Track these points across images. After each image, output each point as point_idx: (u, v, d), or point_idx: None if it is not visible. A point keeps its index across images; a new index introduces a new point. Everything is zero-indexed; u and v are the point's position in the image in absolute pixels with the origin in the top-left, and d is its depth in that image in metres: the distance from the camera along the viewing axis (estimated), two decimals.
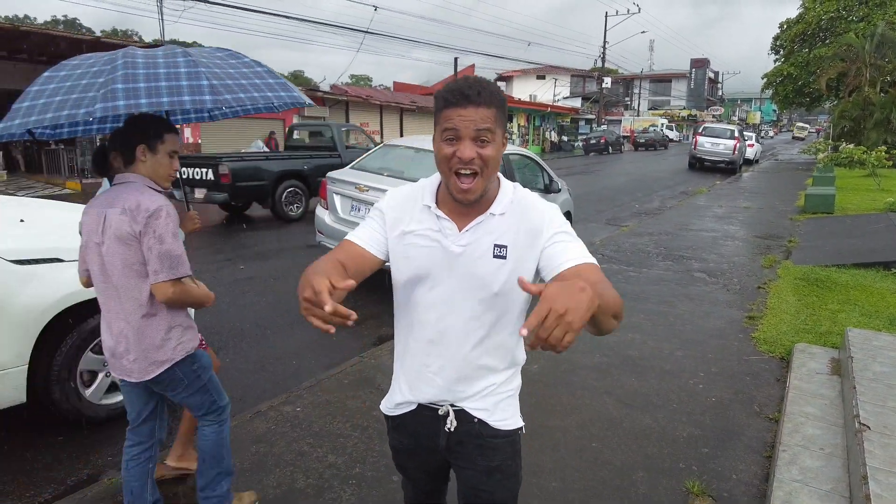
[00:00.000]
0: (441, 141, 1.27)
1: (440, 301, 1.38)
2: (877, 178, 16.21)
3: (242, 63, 2.25)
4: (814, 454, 2.80)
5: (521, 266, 1.33)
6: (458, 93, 1.23)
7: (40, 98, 1.87)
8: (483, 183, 1.28)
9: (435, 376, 1.43)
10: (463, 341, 1.40)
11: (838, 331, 4.61)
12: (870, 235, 8.35)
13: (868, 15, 29.19)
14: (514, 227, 1.34)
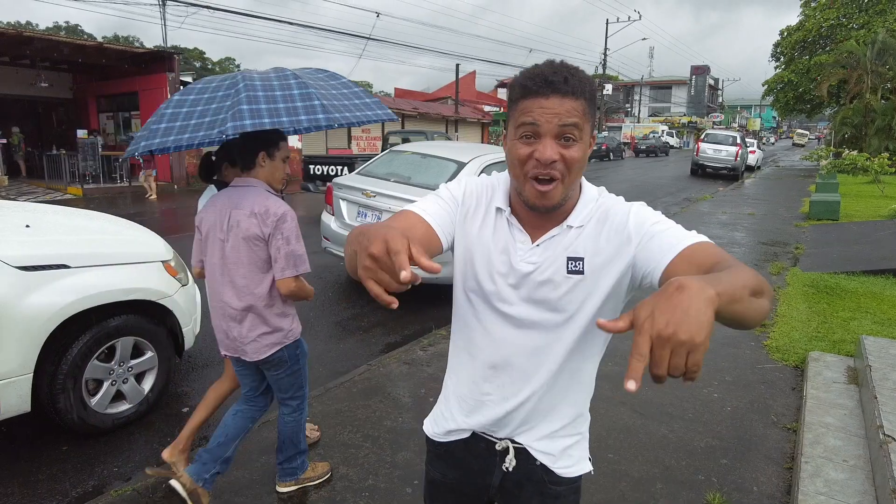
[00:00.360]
0: (515, 138, 1.06)
1: (505, 323, 1.18)
2: (880, 184, 16.19)
3: (341, 84, 2.56)
4: (837, 466, 2.74)
5: (601, 282, 1.12)
6: (541, 79, 1.02)
7: (176, 120, 2.17)
8: (564, 190, 1.08)
9: (496, 406, 1.23)
10: (531, 372, 1.19)
11: (851, 339, 4.56)
12: (877, 242, 8.30)
13: (868, 22, 29.28)
14: (594, 236, 1.13)
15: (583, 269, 1.12)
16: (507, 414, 1.22)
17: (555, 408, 1.23)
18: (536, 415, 1.22)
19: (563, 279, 1.13)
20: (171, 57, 16.20)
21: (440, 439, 1.34)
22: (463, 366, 1.28)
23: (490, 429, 1.26)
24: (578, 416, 1.27)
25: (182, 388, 3.91)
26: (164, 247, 3.68)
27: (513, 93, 1.07)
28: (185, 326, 3.60)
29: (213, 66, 65.12)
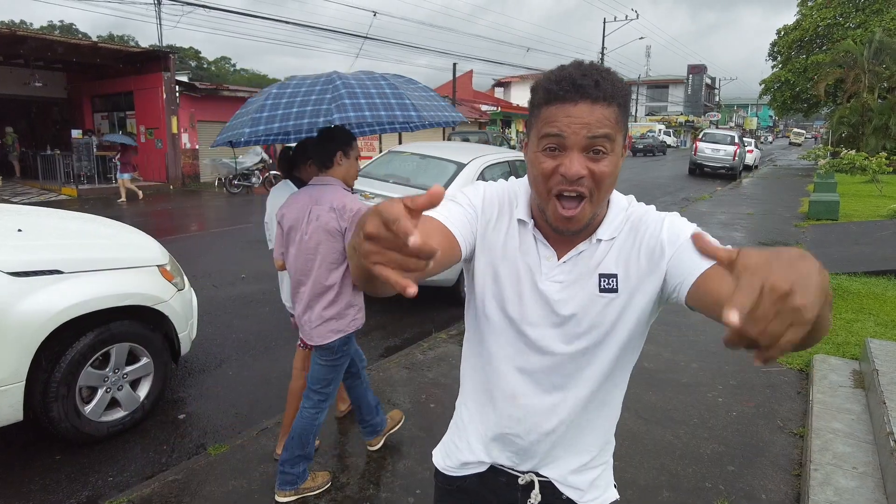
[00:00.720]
0: (538, 150, 0.95)
1: (530, 347, 1.08)
2: (878, 184, 16.20)
3: (420, 87, 2.77)
4: (847, 473, 2.69)
5: (636, 299, 1.03)
6: (568, 82, 0.90)
7: (278, 109, 2.39)
8: (592, 209, 0.97)
9: (518, 439, 1.12)
10: (558, 400, 1.10)
11: (856, 341, 4.51)
12: (878, 243, 8.28)
13: (865, 22, 29.34)
14: (626, 250, 1.04)
15: (616, 286, 1.02)
16: (532, 445, 1.12)
17: (583, 438, 1.13)
18: (564, 446, 1.13)
19: (595, 298, 1.03)
20: (166, 56, 16.11)
21: (453, 473, 1.22)
22: (481, 393, 1.17)
23: (511, 461, 1.16)
24: (606, 444, 1.18)
25: (179, 394, 3.85)
26: (159, 250, 3.62)
27: (535, 97, 0.96)
28: (182, 332, 3.53)
29: (209, 66, 64.93)
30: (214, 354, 4.47)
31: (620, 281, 1.02)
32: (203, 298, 5.70)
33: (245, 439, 3.15)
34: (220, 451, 3.02)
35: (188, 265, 6.98)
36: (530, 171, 0.99)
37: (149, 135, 17.17)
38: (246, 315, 5.36)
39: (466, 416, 1.21)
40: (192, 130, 17.37)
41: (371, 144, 23.00)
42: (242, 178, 15.56)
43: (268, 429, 3.24)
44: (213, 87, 18.48)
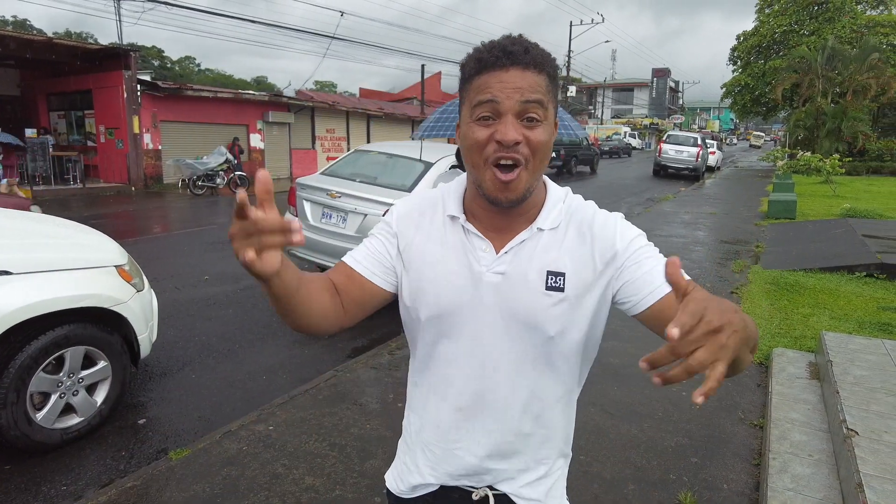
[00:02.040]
0: (472, 121, 0.93)
1: (472, 352, 1.02)
2: (832, 184, 16.80)
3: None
4: (804, 461, 2.77)
5: (585, 302, 1.00)
6: (499, 49, 0.90)
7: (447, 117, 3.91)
8: (529, 178, 0.94)
9: (467, 454, 1.07)
10: (507, 407, 1.04)
11: (812, 335, 4.66)
12: (832, 240, 8.57)
13: (818, 29, 30.48)
14: (573, 246, 1.01)
15: (563, 285, 0.98)
16: (483, 461, 1.07)
17: (540, 448, 1.08)
18: (517, 456, 1.07)
19: (541, 294, 0.99)
20: (126, 54, 15.67)
21: (406, 496, 1.15)
22: (427, 408, 1.11)
23: (463, 479, 1.10)
24: (562, 455, 1.14)
25: (139, 398, 3.73)
26: (117, 251, 3.50)
27: (466, 69, 0.95)
28: (141, 334, 3.43)
29: (173, 66, 63.46)
30: (176, 357, 4.36)
31: (568, 280, 0.99)
32: (165, 301, 5.56)
33: (208, 443, 3.07)
34: (181, 455, 2.94)
35: (149, 267, 6.80)
36: (464, 145, 0.97)
37: (109, 135, 16.68)
38: (209, 317, 5.24)
39: (413, 434, 1.16)
40: (155, 131, 16.93)
41: (339, 145, 22.83)
42: (207, 179, 15.25)
43: (231, 432, 3.17)
44: (177, 86, 18.05)
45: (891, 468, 2.39)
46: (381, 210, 4.92)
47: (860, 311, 5.35)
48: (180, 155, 16.48)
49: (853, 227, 9.06)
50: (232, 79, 65.43)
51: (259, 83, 69.05)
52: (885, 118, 32.36)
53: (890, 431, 2.71)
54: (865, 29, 29.40)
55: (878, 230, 8.95)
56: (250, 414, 3.40)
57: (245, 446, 3.04)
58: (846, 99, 25.53)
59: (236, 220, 0.76)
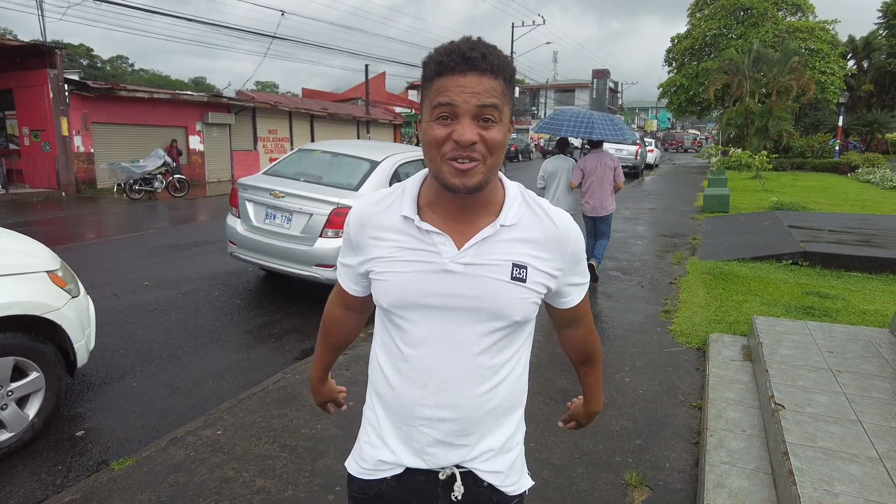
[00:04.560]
0: (431, 120, 0.99)
1: (438, 336, 1.09)
2: (761, 179, 17.76)
3: (615, 118, 6.72)
4: (737, 436, 2.93)
5: (539, 290, 1.10)
6: (458, 55, 0.95)
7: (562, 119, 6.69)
8: (486, 172, 1.00)
9: (432, 431, 1.11)
10: (472, 385, 1.10)
11: (745, 319, 4.92)
12: (761, 231, 9.07)
13: (745, 33, 32.14)
14: (534, 241, 1.09)
15: (525, 277, 1.07)
16: (448, 436, 1.12)
17: (498, 420, 1.15)
18: (480, 431, 1.13)
19: (506, 285, 1.07)
20: (51, 52, 14.87)
21: (368, 476, 1.18)
22: (391, 387, 1.15)
23: (429, 457, 1.14)
24: (518, 427, 1.21)
25: (76, 409, 3.57)
26: (48, 255, 3.34)
27: (427, 70, 1.00)
28: (77, 342, 3.28)
29: (104, 65, 60.60)
30: (117, 366, 4.19)
31: (530, 274, 1.08)
32: (103, 308, 5.33)
33: (153, 450, 2.97)
34: (124, 465, 2.83)
35: (85, 274, 6.48)
36: (424, 141, 1.02)
37: (34, 137, 15.78)
38: (150, 323, 5.06)
39: (381, 413, 1.19)
40: (86, 133, 16.15)
41: (282, 146, 22.40)
42: (144, 183, 14.67)
43: (178, 438, 3.08)
44: (109, 86, 17.28)
45: (812, 436, 2.57)
46: (327, 209, 4.87)
47: (787, 296, 5.70)
48: (115, 158, 15.77)
49: (780, 219, 9.62)
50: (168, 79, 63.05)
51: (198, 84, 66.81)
52: (807, 117, 34.49)
53: (812, 404, 2.91)
54: (786, 34, 31.22)
55: (802, 221, 9.54)
56: (197, 419, 3.32)
57: (192, 452, 2.96)
58: (771, 99, 27.03)
59: None
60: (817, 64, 29.97)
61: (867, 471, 2.30)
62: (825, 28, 31.90)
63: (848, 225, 9.30)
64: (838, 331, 4.16)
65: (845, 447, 2.49)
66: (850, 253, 6.94)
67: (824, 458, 2.39)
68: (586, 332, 1.30)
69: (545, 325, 4.92)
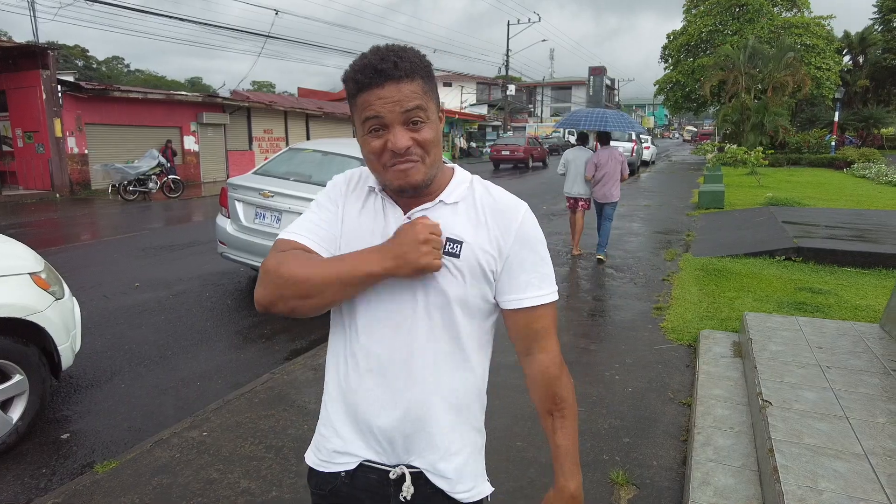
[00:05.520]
0: (365, 134, 1.03)
1: (384, 316, 1.08)
2: (757, 175, 17.77)
3: (625, 115, 8.75)
4: (725, 433, 2.92)
5: (476, 272, 1.07)
6: (370, 70, 0.99)
7: (580, 116, 8.10)
8: (427, 169, 1.04)
9: (380, 419, 1.10)
10: (412, 373, 1.08)
11: (736, 316, 4.91)
12: (755, 227, 9.07)
13: (740, 29, 32.10)
14: (474, 219, 1.09)
15: (459, 253, 1.06)
16: (397, 426, 1.10)
17: (450, 419, 1.12)
18: (429, 426, 1.10)
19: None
20: (44, 52, 14.80)
21: (325, 468, 1.17)
22: (343, 377, 1.14)
23: (381, 453, 1.13)
24: (474, 429, 1.16)
25: (63, 412, 3.55)
26: (33, 258, 3.31)
27: (348, 88, 1.03)
28: (62, 344, 3.26)
29: (99, 66, 60.43)
30: (105, 367, 4.17)
31: (465, 249, 1.06)
32: (93, 310, 5.31)
33: (138, 452, 2.96)
34: (108, 467, 2.82)
35: (77, 276, 6.48)
36: (364, 153, 1.06)
37: (27, 139, 15.72)
38: (140, 325, 5.03)
39: (330, 405, 1.18)
40: (80, 134, 16.10)
41: (277, 146, 22.34)
42: (138, 184, 14.62)
43: (163, 440, 3.06)
44: (102, 87, 17.23)
45: (798, 433, 2.56)
46: None
47: (779, 292, 5.69)
48: (109, 159, 15.72)
49: (774, 215, 9.62)
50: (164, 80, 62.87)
51: (194, 84, 66.68)
52: (803, 113, 34.50)
53: (799, 400, 2.89)
54: (782, 30, 31.22)
55: (796, 217, 9.54)
56: (183, 421, 3.30)
57: (177, 454, 2.95)
58: (767, 95, 27.02)
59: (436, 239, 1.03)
60: (813, 59, 29.95)
61: (852, 467, 2.29)
62: (820, 23, 31.88)
63: (842, 220, 9.30)
64: (829, 326, 4.15)
65: (831, 444, 2.48)
66: (844, 248, 6.93)
67: (810, 455, 2.37)
68: (550, 361, 1.14)
69: None
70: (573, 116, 8.29)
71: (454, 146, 37.54)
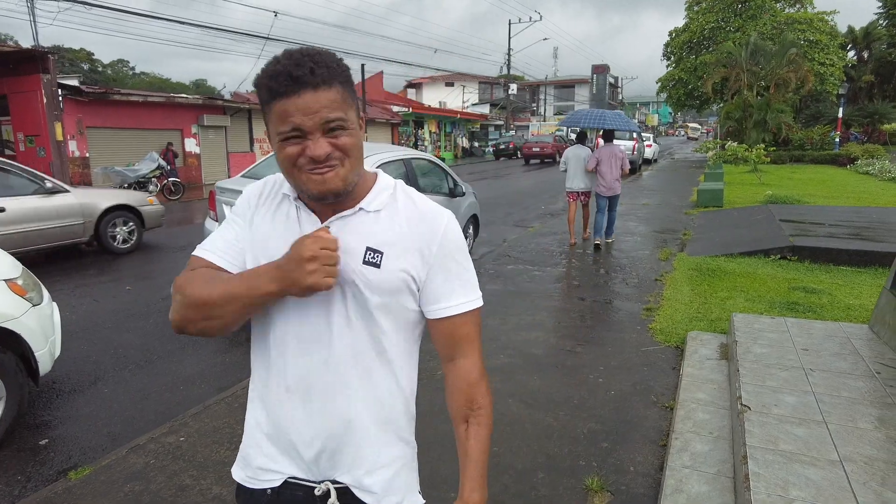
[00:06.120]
0: (280, 141, 0.96)
1: (298, 329, 1.05)
2: (758, 173, 17.64)
3: (622, 114, 9.24)
4: (703, 439, 2.88)
5: (398, 284, 1.04)
6: (284, 77, 0.92)
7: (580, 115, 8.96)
8: (346, 173, 0.98)
9: (299, 437, 1.07)
10: (333, 387, 1.05)
11: (726, 317, 4.86)
12: (753, 226, 8.99)
13: (742, 26, 31.93)
14: (395, 229, 1.05)
15: (380, 263, 1.03)
16: (316, 444, 1.07)
17: (374, 432, 1.09)
18: (349, 440, 1.07)
19: (359, 267, 1.03)
20: (44, 57, 14.85)
21: (251, 485, 1.14)
22: (263, 393, 1.12)
23: (306, 469, 1.10)
24: (401, 441, 1.13)
25: (43, 416, 3.55)
26: (10, 264, 3.32)
27: (261, 94, 0.97)
28: (39, 350, 3.25)
29: (104, 69, 60.69)
30: (89, 372, 4.16)
31: (385, 260, 1.03)
32: (82, 314, 5.32)
33: (113, 459, 2.95)
34: (81, 474, 2.81)
35: (67, 279, 6.48)
36: (279, 160, 1.00)
37: (29, 142, 15.78)
38: (128, 328, 5.03)
39: (252, 421, 1.16)
40: (81, 137, 16.16)
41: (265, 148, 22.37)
42: (139, 187, 14.65)
43: (140, 446, 3.05)
44: (103, 90, 17.26)
45: (774, 439, 2.52)
46: None
47: (773, 292, 5.63)
48: (110, 162, 15.79)
49: (773, 213, 9.54)
50: (169, 82, 63.14)
51: (198, 86, 66.87)
52: (808, 109, 34.23)
53: (779, 405, 2.85)
54: (784, 26, 31.00)
55: (794, 215, 9.46)
56: (162, 426, 3.29)
57: (152, 460, 2.93)
58: (770, 92, 26.84)
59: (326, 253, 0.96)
60: (816, 55, 29.74)
61: (826, 475, 2.25)
62: (824, 19, 31.64)
63: (840, 218, 9.21)
64: (817, 328, 4.10)
65: (807, 450, 2.44)
66: (839, 247, 6.86)
67: (783, 462, 2.34)
68: (471, 366, 1.11)
69: (525, 325, 4.87)
70: (574, 116, 9.13)
71: (456, 146, 37.51)
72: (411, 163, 6.19)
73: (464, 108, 42.89)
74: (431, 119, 34.44)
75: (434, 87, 47.82)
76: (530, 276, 6.61)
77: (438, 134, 35.67)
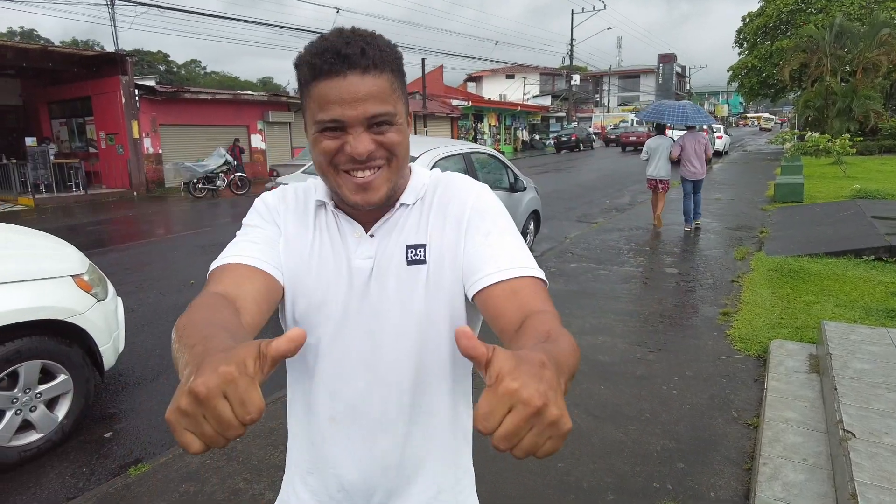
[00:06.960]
0: (317, 132, 0.83)
1: (345, 352, 0.91)
2: (842, 165, 16.37)
3: (700, 108, 9.32)
4: (797, 466, 2.57)
5: (444, 273, 0.90)
6: (332, 54, 0.79)
7: (661, 110, 9.27)
8: (391, 175, 0.86)
9: (345, 473, 0.94)
10: (385, 414, 0.92)
11: (814, 324, 4.43)
12: (839, 223, 8.28)
13: (826, 6, 29.76)
14: (432, 216, 0.92)
15: (425, 257, 0.90)
16: (364, 479, 0.95)
17: (423, 461, 0.96)
18: (402, 475, 0.96)
19: (404, 271, 0.90)
20: (123, 59, 15.63)
21: None
22: (300, 423, 1.00)
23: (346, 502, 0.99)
24: (457, 467, 1.00)
25: (109, 409, 3.62)
26: (77, 260, 3.37)
27: (300, 74, 0.84)
28: (104, 345, 3.29)
29: (179, 69, 63.68)
30: (152, 366, 4.24)
31: (429, 251, 0.90)
32: (148, 307, 5.46)
33: (170, 457, 2.94)
34: (141, 471, 2.81)
35: (137, 273, 6.72)
36: (313, 151, 0.86)
37: (109, 140, 16.69)
38: None
39: (292, 458, 1.04)
40: (155, 135, 16.94)
41: None
42: (207, 182, 15.19)
43: (179, 454, 3.03)
44: (174, 89, 18.01)
45: (889, 475, 2.19)
46: None
47: (867, 298, 5.11)
48: (181, 158, 16.46)
49: (862, 209, 8.76)
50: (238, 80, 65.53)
51: (265, 84, 69.09)
52: None
53: (891, 433, 2.50)
54: (875, 4, 28.65)
55: (889, 211, 8.63)
56: None
57: (208, 460, 2.91)
58: (856, 77, 24.91)
59: None
60: None
61: None
62: None
63: None
64: None
65: None
66: None
67: None
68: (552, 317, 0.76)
69: (591, 329, 4.61)
70: (657, 109, 9.52)
71: (516, 139, 37.01)
72: (471, 157, 6.02)
73: (524, 100, 42.26)
74: (491, 112, 34.10)
75: (494, 79, 47.38)
76: (595, 275, 6.31)
77: (498, 127, 35.29)
